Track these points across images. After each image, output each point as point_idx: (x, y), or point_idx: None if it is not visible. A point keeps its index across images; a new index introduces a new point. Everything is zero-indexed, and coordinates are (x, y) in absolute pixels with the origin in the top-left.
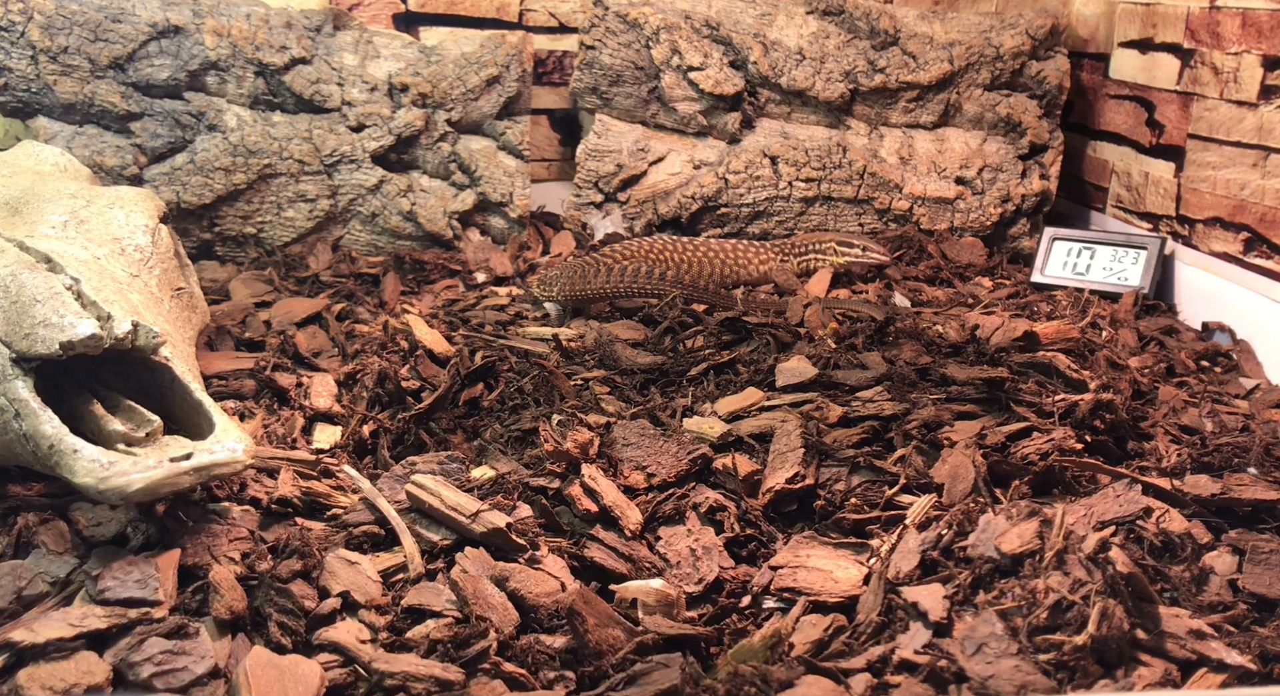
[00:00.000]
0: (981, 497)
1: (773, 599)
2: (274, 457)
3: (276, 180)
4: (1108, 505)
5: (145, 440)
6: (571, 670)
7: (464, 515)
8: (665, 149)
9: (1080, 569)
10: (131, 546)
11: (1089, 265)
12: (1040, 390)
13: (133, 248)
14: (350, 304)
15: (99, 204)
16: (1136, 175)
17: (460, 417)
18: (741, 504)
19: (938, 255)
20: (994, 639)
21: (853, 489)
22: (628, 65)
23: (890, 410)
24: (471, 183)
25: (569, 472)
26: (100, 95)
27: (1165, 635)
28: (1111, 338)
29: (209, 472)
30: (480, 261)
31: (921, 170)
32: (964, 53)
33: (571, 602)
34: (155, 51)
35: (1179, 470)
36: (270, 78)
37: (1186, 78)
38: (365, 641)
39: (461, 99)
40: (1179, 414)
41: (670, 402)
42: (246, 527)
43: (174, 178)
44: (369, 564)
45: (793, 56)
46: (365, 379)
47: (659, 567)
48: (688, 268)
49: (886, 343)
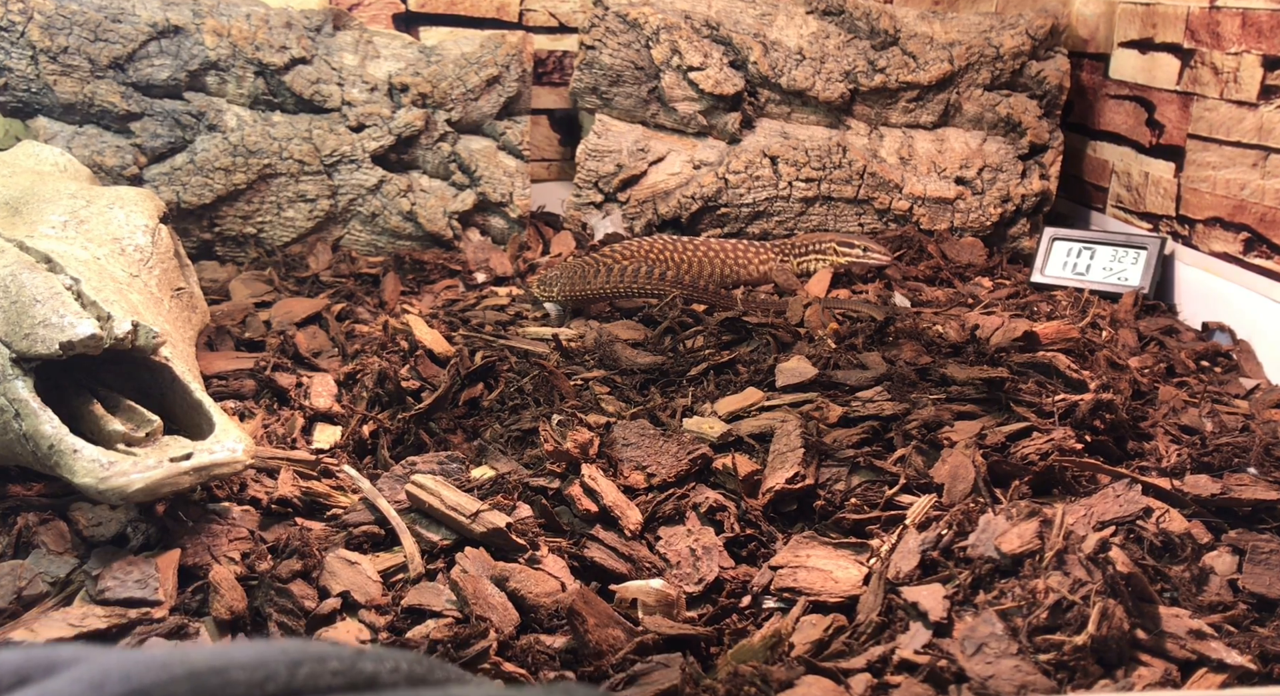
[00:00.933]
0: (981, 497)
1: (773, 599)
2: (274, 457)
3: (276, 180)
4: (1108, 505)
5: (145, 440)
6: (571, 670)
7: (464, 515)
8: (665, 149)
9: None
10: (131, 546)
11: (1089, 265)
12: (1040, 390)
13: (133, 248)
14: (350, 304)
15: (99, 204)
16: (1136, 175)
17: (460, 417)
18: (741, 504)
19: (938, 255)
20: (994, 639)
21: (853, 489)
22: (628, 65)
23: (890, 410)
24: (471, 183)
25: (569, 472)
26: (100, 95)
27: (1165, 635)
28: (1111, 338)
29: (209, 472)
30: (480, 261)
31: (921, 170)
32: (964, 53)
33: (571, 602)
34: (155, 51)
35: (1179, 470)
36: (270, 78)
37: (1186, 78)
38: (365, 641)
39: (461, 99)
40: (1179, 414)
41: (670, 403)
42: (246, 527)
43: (174, 178)
44: (369, 564)
45: (793, 56)
46: (365, 379)
47: (659, 567)
48: (687, 267)
49: (886, 343)
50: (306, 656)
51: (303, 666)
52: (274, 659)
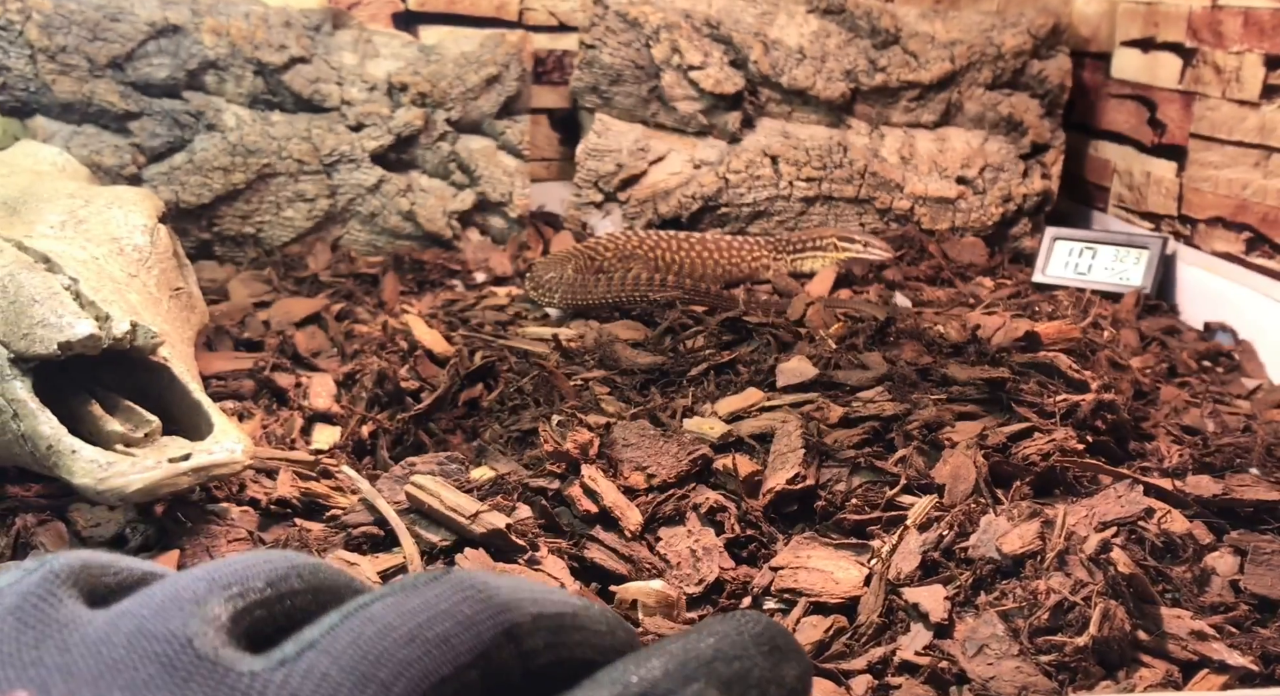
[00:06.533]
0: (983, 498)
1: (773, 600)
2: (273, 458)
3: (275, 180)
4: (1109, 506)
5: (144, 441)
6: None
7: (463, 516)
8: (665, 148)
9: (1082, 569)
10: (130, 547)
11: (1091, 265)
12: (1042, 390)
13: (131, 247)
14: (349, 304)
15: (97, 204)
16: (1138, 175)
17: (460, 418)
18: (742, 504)
19: (939, 255)
20: (995, 640)
21: (853, 489)
22: (628, 64)
23: (891, 410)
24: (471, 182)
25: (569, 473)
26: (99, 94)
27: (1167, 636)
28: (1113, 338)
29: (208, 473)
30: (480, 261)
31: (923, 170)
32: (965, 52)
33: None
34: (154, 50)
35: (1181, 470)
36: (269, 77)
37: (1188, 77)
38: None
39: (461, 98)
40: (1181, 414)
41: (670, 403)
42: (245, 528)
43: (172, 177)
44: (368, 565)
45: (793, 55)
46: (364, 379)
47: (659, 568)
48: (678, 265)
49: (887, 343)
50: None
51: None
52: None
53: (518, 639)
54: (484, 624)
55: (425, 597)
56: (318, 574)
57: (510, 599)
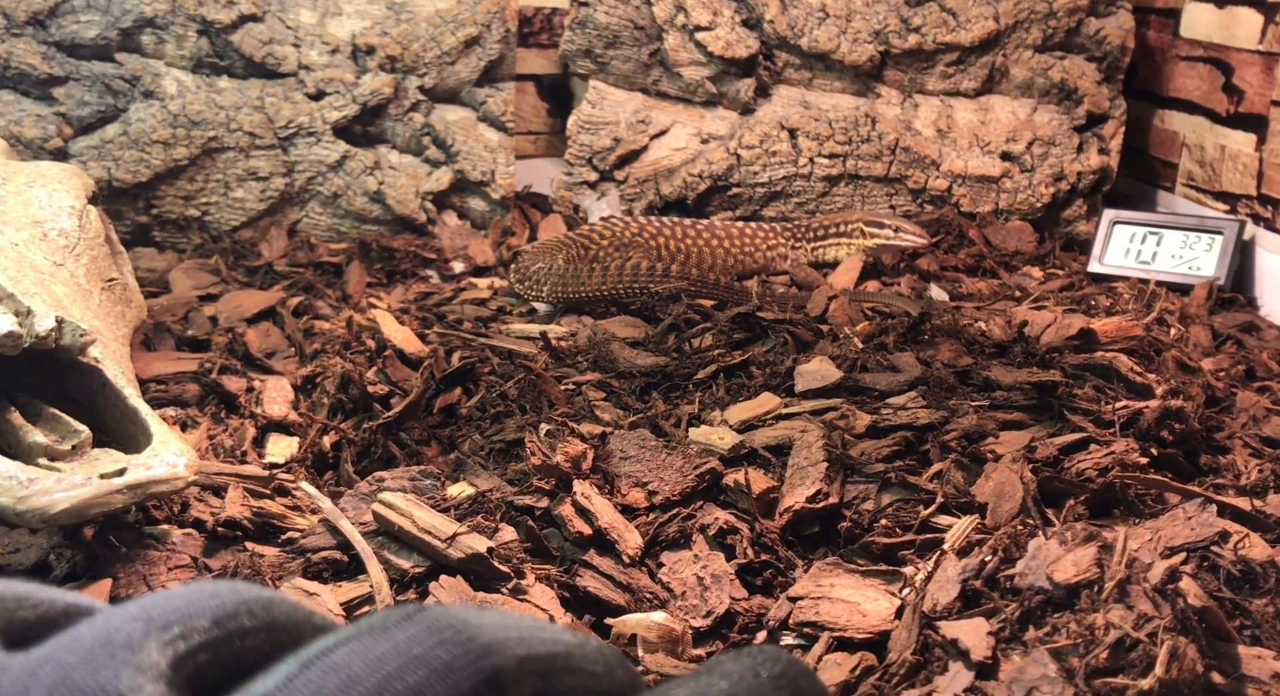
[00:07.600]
0: (1031, 519)
1: (791, 635)
2: (221, 473)
3: (223, 155)
4: (1177, 528)
5: (72, 453)
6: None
7: (439, 538)
8: (669, 121)
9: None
10: (55, 576)
11: (1155, 252)
12: (1099, 396)
13: (56, 232)
14: (309, 297)
15: (16, 182)
16: (1211, 149)
17: (435, 427)
18: (755, 526)
19: (980, 242)
20: (1046, 682)
21: (883, 509)
22: (626, 24)
23: (926, 419)
24: (447, 159)
25: (559, 490)
26: (17, 56)
27: (1245, 679)
28: (1181, 336)
29: (145, 491)
30: (458, 249)
31: (962, 144)
32: (1011, 9)
33: None
34: (81, 6)
35: (1260, 488)
36: (215, 37)
37: (1270, 36)
38: None
39: (436, 63)
40: (1260, 423)
41: (674, 410)
42: (189, 554)
43: (104, 152)
44: (330, 594)
45: (815, 14)
46: (326, 383)
47: (661, 598)
48: (683, 254)
49: (921, 341)
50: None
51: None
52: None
53: (502, 687)
54: (463, 671)
55: (396, 641)
56: (271, 609)
57: (493, 639)
